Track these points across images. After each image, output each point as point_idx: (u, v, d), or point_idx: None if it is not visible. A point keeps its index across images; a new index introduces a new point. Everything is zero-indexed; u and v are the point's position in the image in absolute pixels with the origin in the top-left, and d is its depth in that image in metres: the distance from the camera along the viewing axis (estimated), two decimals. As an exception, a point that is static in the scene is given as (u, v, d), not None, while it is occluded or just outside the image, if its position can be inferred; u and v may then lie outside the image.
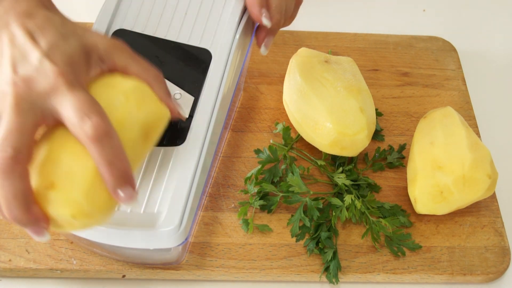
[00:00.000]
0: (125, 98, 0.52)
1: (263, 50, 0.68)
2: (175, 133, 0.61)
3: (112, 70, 0.54)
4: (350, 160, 0.73)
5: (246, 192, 0.69)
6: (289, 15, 0.67)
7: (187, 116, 0.61)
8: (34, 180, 0.48)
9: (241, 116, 0.76)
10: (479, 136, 0.77)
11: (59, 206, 0.48)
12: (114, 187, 0.49)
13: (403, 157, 0.74)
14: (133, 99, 0.52)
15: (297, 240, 0.67)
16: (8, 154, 0.46)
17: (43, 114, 0.49)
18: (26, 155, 0.47)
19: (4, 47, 0.50)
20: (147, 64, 0.55)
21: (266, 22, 0.64)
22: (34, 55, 0.50)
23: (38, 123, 0.49)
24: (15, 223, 0.48)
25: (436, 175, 0.67)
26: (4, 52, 0.50)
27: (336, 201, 0.68)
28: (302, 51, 0.75)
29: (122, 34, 0.64)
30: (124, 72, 0.54)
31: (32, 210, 0.48)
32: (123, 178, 0.49)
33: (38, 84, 0.49)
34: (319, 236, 0.66)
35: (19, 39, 0.50)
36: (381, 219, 0.67)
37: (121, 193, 0.49)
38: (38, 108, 0.49)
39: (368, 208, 0.68)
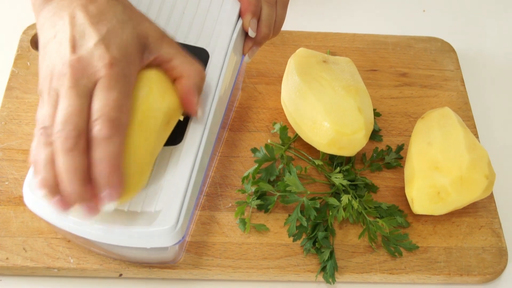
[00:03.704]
0: (149, 89, 0.55)
1: (246, 59, 0.70)
2: (172, 132, 0.61)
3: (156, 60, 0.57)
4: (348, 160, 0.73)
5: (243, 191, 0.69)
6: (278, 28, 0.68)
7: (201, 114, 0.61)
8: None
9: (239, 115, 0.76)
10: (477, 137, 0.77)
11: None
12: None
13: (401, 158, 0.74)
14: (156, 91, 0.56)
15: (294, 240, 0.67)
16: (71, 134, 0.50)
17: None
18: (86, 134, 0.51)
19: (66, 25, 0.53)
20: (191, 59, 0.58)
21: (251, 33, 0.66)
22: (91, 38, 0.52)
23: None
24: (72, 198, 0.51)
25: (433, 176, 0.67)
26: (64, 30, 0.53)
27: (333, 201, 0.68)
28: (301, 51, 0.75)
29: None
30: (168, 64, 0.57)
31: (89, 187, 0.51)
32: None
33: (90, 69, 0.52)
34: (316, 236, 0.66)
35: (80, 20, 0.53)
36: (378, 219, 0.67)
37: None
38: (90, 91, 0.52)
39: (365, 208, 0.68)
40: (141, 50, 0.55)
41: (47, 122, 0.52)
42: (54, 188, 0.51)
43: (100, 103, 0.51)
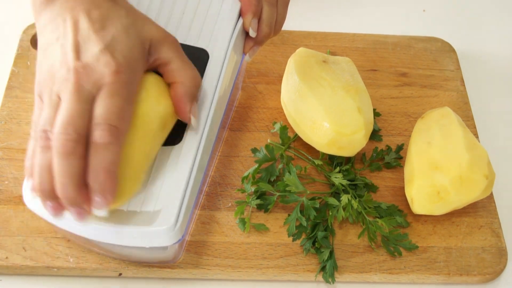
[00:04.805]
0: (146, 94, 0.55)
1: (247, 58, 0.70)
2: (172, 132, 0.61)
3: (155, 63, 0.56)
4: (348, 160, 0.73)
5: (243, 191, 0.69)
6: (279, 27, 0.68)
7: (194, 123, 0.61)
8: None
9: (239, 115, 0.76)
10: (477, 137, 0.77)
11: None
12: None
13: (401, 157, 0.74)
14: (153, 95, 0.56)
15: (293, 240, 0.67)
16: (72, 137, 0.50)
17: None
18: (86, 138, 0.51)
19: (69, 30, 0.53)
20: (189, 64, 0.58)
21: (251, 33, 0.66)
22: (96, 45, 0.52)
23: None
24: (64, 201, 0.51)
25: (433, 176, 0.67)
26: (67, 35, 0.53)
27: (333, 200, 0.68)
28: (301, 51, 0.75)
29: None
30: (165, 67, 0.57)
31: (83, 191, 0.51)
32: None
33: (95, 75, 0.51)
34: (316, 236, 0.66)
35: (83, 25, 0.52)
36: (377, 219, 0.67)
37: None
38: (93, 96, 0.51)
39: (365, 208, 0.68)
40: (144, 55, 0.55)
41: (47, 125, 0.51)
42: (48, 193, 0.51)
43: (102, 109, 0.51)
